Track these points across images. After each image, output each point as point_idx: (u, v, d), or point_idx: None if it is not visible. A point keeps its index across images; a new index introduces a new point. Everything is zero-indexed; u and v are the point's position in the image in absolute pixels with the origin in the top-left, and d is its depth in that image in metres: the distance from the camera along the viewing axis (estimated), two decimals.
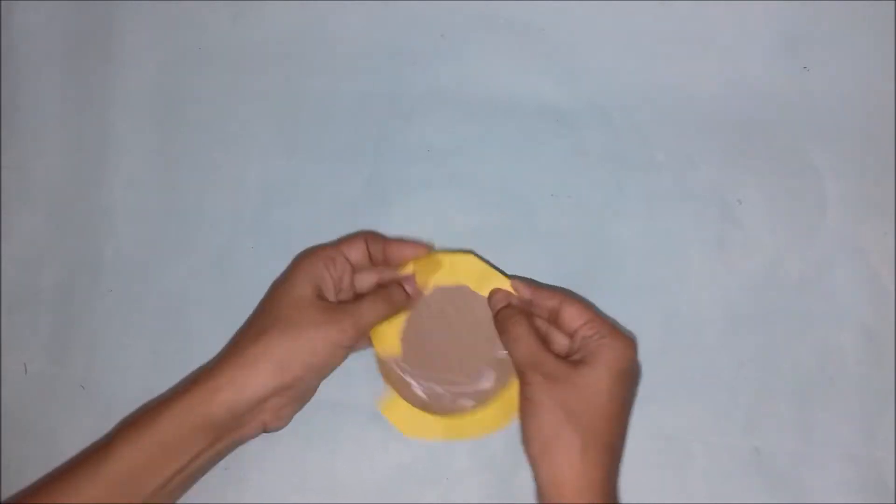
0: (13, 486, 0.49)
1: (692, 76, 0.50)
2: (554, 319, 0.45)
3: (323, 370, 0.43)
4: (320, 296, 0.44)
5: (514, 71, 0.51)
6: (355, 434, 0.49)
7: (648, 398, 0.48)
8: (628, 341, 0.42)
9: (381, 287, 0.46)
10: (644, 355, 0.49)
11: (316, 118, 0.52)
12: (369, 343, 0.47)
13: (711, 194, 0.50)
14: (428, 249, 0.47)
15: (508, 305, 0.45)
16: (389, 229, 0.50)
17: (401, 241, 0.47)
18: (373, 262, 0.47)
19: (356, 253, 0.46)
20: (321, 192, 0.51)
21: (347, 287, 0.46)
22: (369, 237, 0.47)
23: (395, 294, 0.45)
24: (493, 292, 0.46)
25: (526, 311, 0.45)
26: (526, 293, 0.46)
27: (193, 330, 0.50)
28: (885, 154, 0.49)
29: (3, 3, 0.53)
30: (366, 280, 0.47)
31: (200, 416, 0.40)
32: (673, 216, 0.50)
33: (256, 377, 0.41)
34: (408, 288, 0.46)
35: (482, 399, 0.46)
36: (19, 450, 0.50)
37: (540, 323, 0.45)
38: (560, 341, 0.45)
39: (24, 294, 0.52)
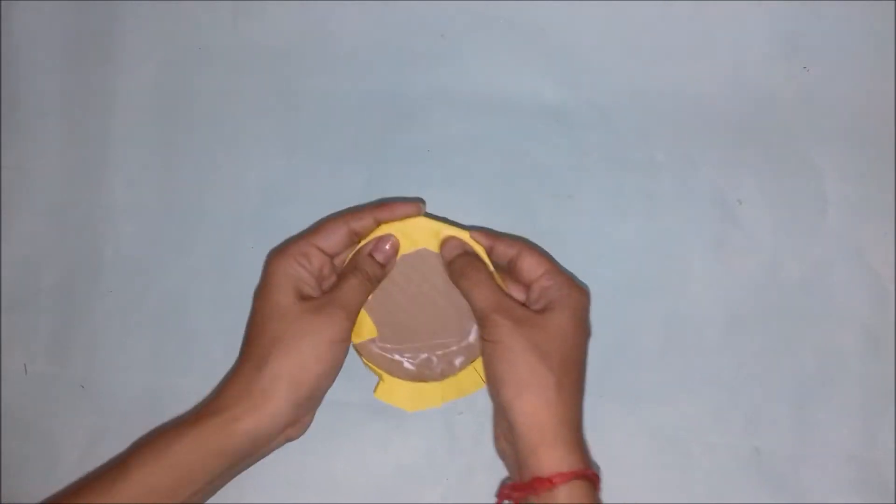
0: (13, 486, 0.49)
1: (692, 76, 0.50)
2: (511, 269, 0.45)
3: (333, 370, 0.43)
4: (303, 296, 0.43)
5: (514, 71, 0.51)
6: (355, 434, 0.49)
7: (648, 398, 0.48)
8: (585, 291, 0.44)
9: (352, 264, 0.45)
10: (644, 355, 0.49)
11: (316, 118, 0.52)
12: None
13: (711, 194, 0.50)
14: (421, 205, 0.46)
15: (464, 253, 0.45)
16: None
17: (392, 203, 0.46)
18: (360, 239, 0.46)
19: (331, 241, 0.45)
20: (321, 191, 0.51)
21: (329, 274, 0.45)
22: (350, 217, 0.45)
23: (368, 267, 0.45)
24: (447, 240, 0.46)
25: (481, 259, 0.45)
26: (485, 241, 0.46)
27: (193, 330, 0.50)
28: (886, 154, 0.49)
29: (3, 3, 0.53)
30: (345, 259, 0.46)
31: (220, 445, 0.40)
32: (673, 216, 0.50)
33: (274, 404, 0.40)
34: (377, 256, 0.45)
35: (472, 353, 0.46)
36: (19, 450, 0.50)
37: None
38: (514, 292, 0.45)
39: (24, 294, 0.52)
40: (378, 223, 0.46)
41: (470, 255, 0.45)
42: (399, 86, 0.52)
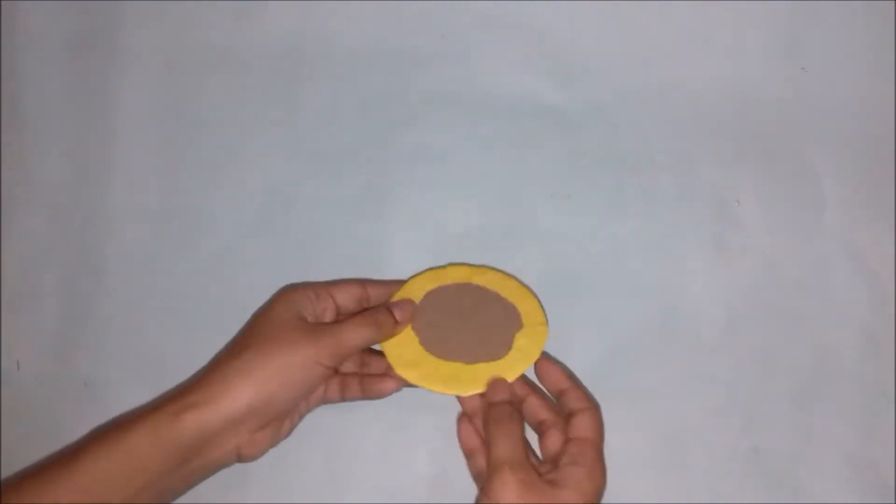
0: None
1: (691, 77, 0.50)
2: (567, 419, 0.43)
3: (300, 388, 0.41)
4: (301, 318, 0.43)
5: (514, 71, 0.52)
6: (355, 434, 0.49)
7: (647, 397, 0.48)
8: (603, 480, 0.41)
9: (367, 310, 0.45)
10: (642, 355, 0.49)
11: (317, 119, 0.52)
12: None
13: (710, 195, 0.50)
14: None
15: (509, 403, 0.43)
16: (390, 230, 0.51)
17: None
18: (369, 304, 0.46)
19: (345, 294, 0.45)
20: (323, 192, 0.51)
21: (332, 318, 0.45)
22: (369, 281, 0.46)
23: (380, 316, 0.44)
24: (496, 382, 0.44)
25: (520, 414, 0.44)
26: (563, 384, 0.44)
27: (195, 330, 0.50)
28: (884, 155, 0.49)
29: (4, 3, 0.53)
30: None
31: (169, 433, 0.39)
32: (671, 216, 0.50)
33: (231, 394, 0.40)
34: (396, 313, 0.45)
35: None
36: (21, 449, 0.50)
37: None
38: (552, 441, 0.43)
39: (27, 294, 0.52)
40: (392, 293, 0.47)
41: (513, 405, 0.43)
42: (400, 87, 0.52)
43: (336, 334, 0.42)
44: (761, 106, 0.50)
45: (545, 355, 0.45)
